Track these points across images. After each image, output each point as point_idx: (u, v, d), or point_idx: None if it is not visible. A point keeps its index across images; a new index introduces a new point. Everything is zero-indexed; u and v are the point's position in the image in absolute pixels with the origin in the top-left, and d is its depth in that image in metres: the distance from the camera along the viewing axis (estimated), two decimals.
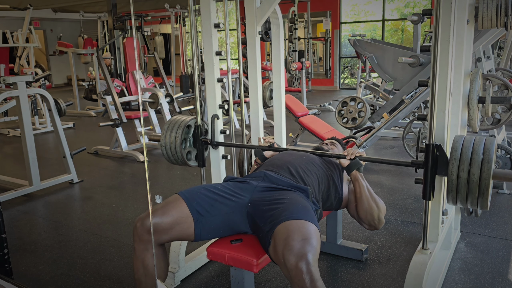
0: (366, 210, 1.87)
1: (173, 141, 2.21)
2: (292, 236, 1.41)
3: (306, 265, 1.33)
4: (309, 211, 1.59)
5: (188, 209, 1.64)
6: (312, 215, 1.58)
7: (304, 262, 1.34)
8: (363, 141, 4.03)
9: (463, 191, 1.63)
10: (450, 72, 1.83)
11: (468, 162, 1.61)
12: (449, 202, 1.72)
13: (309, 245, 1.39)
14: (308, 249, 1.37)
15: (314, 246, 1.40)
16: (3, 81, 3.45)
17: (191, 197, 1.67)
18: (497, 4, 2.18)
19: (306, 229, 1.45)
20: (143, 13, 7.83)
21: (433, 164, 1.68)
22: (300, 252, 1.36)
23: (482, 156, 1.60)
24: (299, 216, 1.51)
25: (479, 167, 1.59)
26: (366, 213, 1.88)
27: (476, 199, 1.62)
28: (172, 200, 1.67)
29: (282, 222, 1.49)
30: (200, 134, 2.26)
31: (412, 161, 1.76)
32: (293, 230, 1.44)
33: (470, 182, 1.61)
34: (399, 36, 11.68)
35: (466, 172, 1.61)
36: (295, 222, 1.48)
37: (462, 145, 1.65)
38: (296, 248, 1.37)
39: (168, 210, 1.62)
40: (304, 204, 1.62)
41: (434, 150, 1.67)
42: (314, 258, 1.37)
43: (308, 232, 1.44)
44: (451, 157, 1.64)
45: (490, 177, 1.58)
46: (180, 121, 2.25)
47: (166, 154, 2.26)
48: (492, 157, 1.59)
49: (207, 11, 2.18)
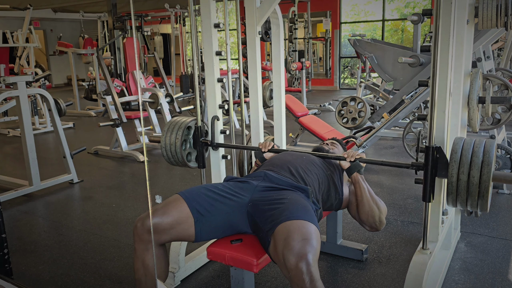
0: (367, 212, 1.88)
1: (173, 142, 2.21)
2: (292, 236, 1.41)
3: (306, 265, 1.33)
4: (309, 211, 1.59)
5: (189, 209, 1.63)
6: (312, 215, 1.58)
7: (304, 262, 1.34)
8: (363, 141, 4.03)
9: (463, 194, 1.63)
10: (450, 72, 1.83)
11: (468, 164, 1.61)
12: (449, 204, 1.73)
13: (309, 246, 1.39)
14: (308, 249, 1.37)
15: (314, 246, 1.40)
16: (3, 81, 3.45)
17: (192, 197, 1.67)
18: (497, 4, 2.18)
19: (306, 229, 1.45)
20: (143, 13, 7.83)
21: (433, 166, 1.68)
22: (300, 252, 1.36)
23: (482, 158, 1.60)
24: (299, 216, 1.51)
25: (479, 169, 1.59)
26: (367, 215, 1.88)
27: (476, 202, 1.62)
28: (173, 200, 1.67)
29: (282, 222, 1.49)
30: (200, 135, 2.26)
31: (412, 163, 1.76)
32: (293, 230, 1.44)
33: (470, 185, 1.61)
34: (399, 36, 11.69)
35: (466, 175, 1.61)
36: (295, 222, 1.48)
37: (462, 147, 1.65)
38: (296, 248, 1.37)
39: (168, 210, 1.62)
40: (304, 204, 1.61)
41: (434, 152, 1.67)
42: (314, 259, 1.37)
43: (308, 232, 1.44)
44: (451, 160, 1.64)
45: (490, 179, 1.58)
46: (180, 122, 2.25)
47: (166, 155, 2.26)
48: (492, 160, 1.59)
49: (207, 11, 2.18)
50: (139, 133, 5.25)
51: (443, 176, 1.69)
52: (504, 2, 2.19)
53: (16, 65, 8.06)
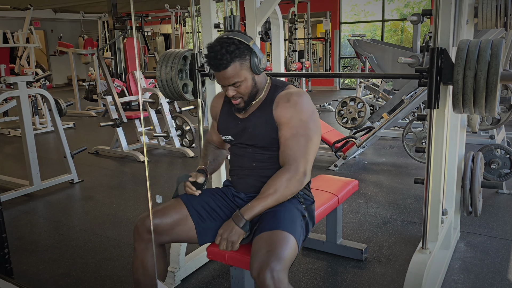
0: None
1: (168, 71, 2.15)
2: (259, 248, 1.41)
3: (270, 273, 1.31)
4: (291, 218, 1.53)
5: (188, 212, 1.65)
6: (292, 223, 1.52)
7: (268, 270, 1.32)
8: (362, 141, 4.04)
9: (470, 92, 1.51)
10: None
11: (475, 60, 1.50)
12: (455, 110, 1.63)
13: (274, 255, 1.36)
14: (272, 258, 1.35)
15: (280, 255, 1.37)
16: (3, 81, 3.46)
17: (191, 201, 1.68)
18: (496, 4, 2.19)
19: (276, 238, 1.43)
20: (144, 14, 7.84)
21: (438, 70, 1.61)
22: (264, 261, 1.35)
23: (489, 52, 1.49)
24: (276, 227, 1.47)
25: (487, 63, 1.48)
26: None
27: (484, 101, 1.51)
28: (172, 202, 1.69)
29: (257, 234, 1.49)
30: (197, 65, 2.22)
31: (416, 68, 1.66)
32: (262, 242, 1.43)
33: (477, 81, 1.50)
34: (399, 36, 11.69)
35: (473, 71, 1.50)
36: (267, 233, 1.46)
37: (469, 45, 1.56)
38: (260, 259, 1.37)
39: (168, 211, 1.63)
40: (288, 212, 1.56)
41: (439, 54, 1.60)
42: (280, 267, 1.34)
43: (278, 241, 1.42)
44: (457, 57, 1.56)
45: (499, 73, 1.47)
46: (176, 51, 2.20)
47: (162, 86, 2.21)
48: (500, 53, 1.47)
49: (207, 11, 2.19)
50: (140, 133, 5.26)
51: (448, 81, 1.60)
52: (504, 2, 2.20)
53: (17, 65, 8.07)
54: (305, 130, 1.57)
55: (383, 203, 3.20)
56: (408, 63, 3.67)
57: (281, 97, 1.62)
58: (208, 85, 2.31)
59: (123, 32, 7.11)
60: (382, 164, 4.24)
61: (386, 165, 4.22)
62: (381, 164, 4.24)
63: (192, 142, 4.95)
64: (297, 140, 1.56)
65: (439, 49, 1.61)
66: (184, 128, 4.98)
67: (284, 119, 1.58)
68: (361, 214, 3.01)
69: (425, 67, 1.64)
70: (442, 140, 1.84)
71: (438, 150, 1.85)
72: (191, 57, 2.24)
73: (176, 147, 4.93)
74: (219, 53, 1.50)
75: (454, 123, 2.20)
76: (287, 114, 1.58)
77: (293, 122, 1.57)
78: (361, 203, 3.21)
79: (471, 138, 4.06)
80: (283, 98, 1.61)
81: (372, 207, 3.13)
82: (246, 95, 1.61)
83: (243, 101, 1.62)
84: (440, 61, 1.62)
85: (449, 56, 1.63)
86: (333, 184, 2.30)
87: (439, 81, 1.64)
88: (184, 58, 2.22)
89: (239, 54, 1.52)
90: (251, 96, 1.62)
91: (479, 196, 2.47)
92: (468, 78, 1.53)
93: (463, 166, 2.39)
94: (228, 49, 1.51)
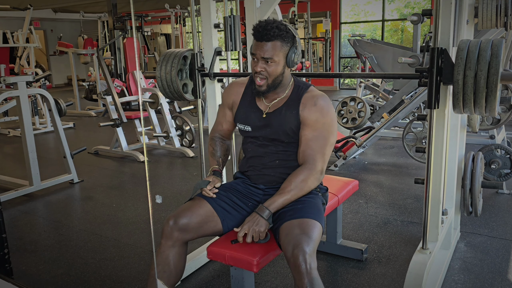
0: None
1: (168, 71, 2.17)
2: (292, 231, 1.53)
3: (302, 253, 1.43)
4: (315, 209, 1.67)
5: (213, 208, 1.70)
6: (318, 212, 1.66)
7: (300, 250, 1.44)
8: (362, 141, 4.03)
9: (470, 92, 1.51)
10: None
11: (475, 60, 1.51)
12: (455, 110, 1.63)
13: (307, 237, 1.49)
14: (305, 239, 1.48)
15: (312, 238, 1.50)
16: (3, 81, 3.46)
17: (212, 198, 1.74)
18: (497, 4, 2.19)
19: (306, 225, 1.55)
20: (143, 13, 7.83)
21: (438, 70, 1.62)
22: (297, 242, 1.47)
23: (490, 52, 1.50)
24: (304, 215, 1.60)
25: (487, 63, 1.48)
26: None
27: (484, 101, 1.51)
28: (197, 201, 1.73)
29: (287, 220, 1.59)
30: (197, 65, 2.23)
31: (416, 68, 1.68)
32: (293, 226, 1.55)
33: (478, 81, 1.50)
34: (399, 36, 11.69)
35: (473, 71, 1.51)
36: (297, 220, 1.58)
37: (469, 45, 1.57)
38: (293, 240, 1.48)
39: (195, 210, 1.67)
40: (313, 204, 1.69)
41: (439, 54, 1.61)
42: (310, 248, 1.46)
43: (307, 227, 1.55)
44: (457, 57, 1.56)
45: (499, 73, 1.47)
46: (176, 51, 2.22)
47: (162, 86, 2.22)
48: (501, 53, 1.48)
49: (207, 11, 2.19)
50: (139, 133, 5.25)
51: (448, 81, 1.61)
52: (504, 2, 2.19)
53: (17, 65, 8.07)
54: (326, 133, 1.70)
55: (383, 203, 3.20)
56: (408, 63, 3.67)
57: (308, 99, 1.71)
58: (208, 85, 2.31)
59: (123, 32, 7.11)
60: (382, 164, 4.24)
61: (386, 165, 4.22)
62: (381, 164, 4.24)
63: (192, 142, 4.95)
64: (317, 141, 1.69)
65: (439, 49, 1.62)
66: (184, 128, 4.98)
67: (310, 121, 1.69)
68: (361, 214, 3.01)
69: (425, 67, 1.65)
70: (442, 140, 1.84)
71: (438, 150, 1.85)
72: (191, 57, 2.24)
73: (176, 147, 4.93)
74: (270, 25, 1.59)
75: (454, 123, 2.20)
76: (313, 117, 1.69)
77: (317, 125, 1.69)
78: (361, 203, 3.21)
79: (471, 138, 4.06)
80: (310, 101, 1.71)
81: (372, 207, 3.13)
82: (271, 78, 1.67)
83: (266, 84, 1.68)
84: (440, 61, 1.63)
85: (449, 56, 1.63)
86: (333, 184, 2.30)
87: (439, 81, 1.65)
88: (184, 58, 2.23)
89: (285, 36, 1.61)
90: (275, 83, 1.69)
91: (479, 196, 2.47)
92: (468, 78, 1.53)
93: (463, 166, 2.39)
94: (279, 27, 1.60)
